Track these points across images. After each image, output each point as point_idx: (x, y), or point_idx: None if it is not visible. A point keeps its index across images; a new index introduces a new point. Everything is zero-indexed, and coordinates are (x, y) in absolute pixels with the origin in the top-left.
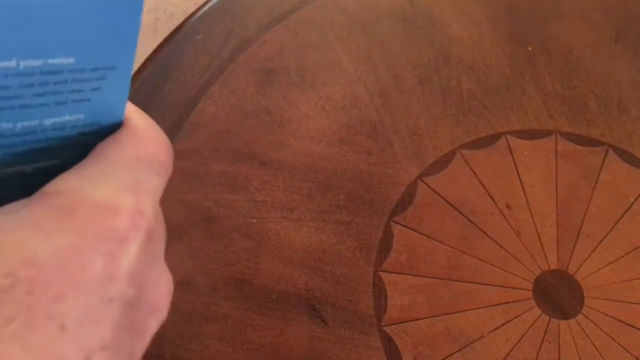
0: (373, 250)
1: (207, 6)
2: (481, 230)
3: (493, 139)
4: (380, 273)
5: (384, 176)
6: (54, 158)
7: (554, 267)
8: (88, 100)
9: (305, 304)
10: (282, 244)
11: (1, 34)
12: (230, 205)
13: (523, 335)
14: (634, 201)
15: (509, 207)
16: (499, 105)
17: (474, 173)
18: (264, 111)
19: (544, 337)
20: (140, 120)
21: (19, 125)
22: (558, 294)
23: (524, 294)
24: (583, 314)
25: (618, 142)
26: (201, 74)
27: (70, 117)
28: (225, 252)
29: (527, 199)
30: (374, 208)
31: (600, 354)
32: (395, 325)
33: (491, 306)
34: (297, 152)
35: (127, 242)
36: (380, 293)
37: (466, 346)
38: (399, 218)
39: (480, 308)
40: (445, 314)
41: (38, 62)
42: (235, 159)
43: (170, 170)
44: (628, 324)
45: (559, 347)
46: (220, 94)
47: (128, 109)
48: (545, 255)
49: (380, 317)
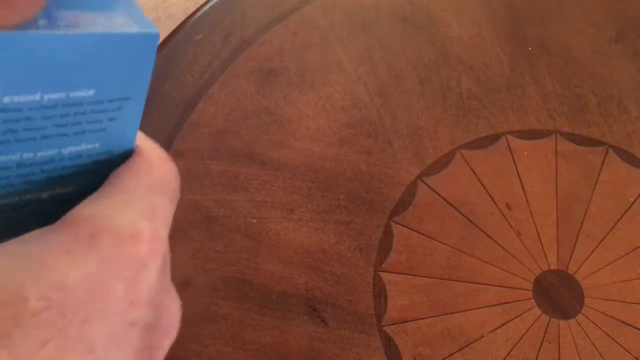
0: (373, 250)
1: (207, 6)
2: (481, 230)
3: (493, 139)
4: (380, 273)
5: (384, 176)
6: (69, 185)
7: (554, 267)
8: (104, 130)
9: (305, 304)
10: (282, 244)
11: (27, 69)
12: (230, 205)
13: (523, 335)
14: (634, 201)
15: (509, 207)
16: (499, 105)
17: (474, 173)
18: (264, 111)
19: (544, 337)
20: (149, 147)
21: (39, 155)
22: (558, 294)
23: (524, 294)
24: (583, 314)
25: (618, 142)
26: (201, 74)
27: (86, 146)
28: (225, 252)
29: (527, 199)
30: (374, 208)
31: (600, 354)
32: (395, 325)
33: (491, 306)
34: (297, 152)
35: (147, 268)
36: (380, 293)
37: (466, 346)
38: (399, 218)
39: (480, 308)
40: (445, 314)
41: (61, 95)
42: (235, 159)
43: (178, 195)
44: (628, 324)
45: (559, 347)
46: (220, 94)
47: (138, 136)
48: (545, 255)
49: (380, 317)
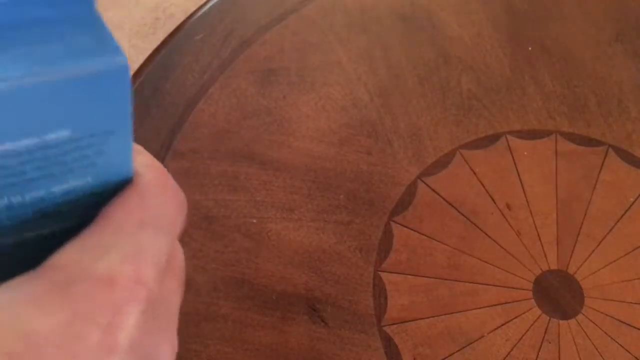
0: (373, 250)
1: (207, 6)
2: (481, 230)
3: (493, 139)
4: (380, 273)
5: (384, 176)
6: (69, 220)
7: (554, 267)
8: (94, 164)
9: (305, 304)
10: (282, 244)
11: None
12: (230, 205)
13: (523, 335)
14: (634, 201)
15: (509, 207)
16: (499, 105)
17: (474, 173)
18: (264, 111)
19: (544, 337)
20: (149, 175)
21: (27, 197)
22: (558, 294)
23: (524, 294)
24: (583, 314)
25: (618, 142)
26: (201, 74)
27: (77, 182)
28: (225, 252)
29: (527, 199)
30: (374, 208)
31: (600, 354)
32: (395, 325)
33: (491, 306)
34: (297, 152)
35: (125, 313)
36: (380, 293)
37: (466, 346)
38: (399, 218)
39: (480, 308)
40: (445, 314)
41: (34, 140)
42: (235, 159)
43: (181, 224)
44: (628, 324)
45: (559, 347)
46: (220, 94)
47: (141, 161)
48: (545, 255)
49: (380, 317)
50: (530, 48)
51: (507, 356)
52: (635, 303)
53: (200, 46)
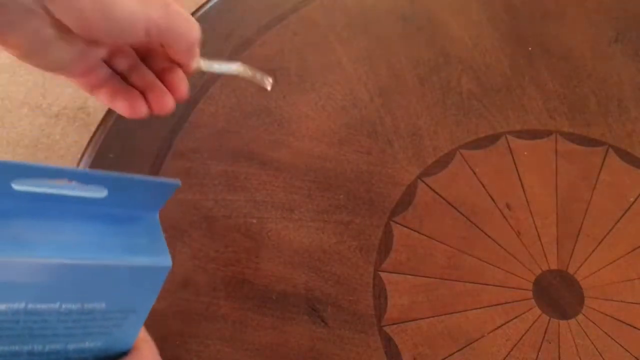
0: (373, 250)
1: (207, 6)
2: (481, 230)
3: (493, 139)
4: (380, 273)
5: (384, 176)
6: None
7: (554, 267)
8: (109, 333)
9: (305, 304)
10: (282, 244)
11: (51, 285)
12: (230, 205)
13: (523, 335)
14: (634, 201)
15: (509, 207)
16: (499, 105)
17: (474, 173)
18: (264, 111)
19: (544, 337)
20: (146, 350)
21: (47, 347)
22: (558, 294)
23: (524, 294)
24: (583, 314)
25: (618, 142)
26: (201, 74)
27: (90, 345)
28: (225, 252)
29: (527, 199)
30: (374, 208)
31: (600, 354)
32: (395, 325)
33: (491, 306)
34: (297, 152)
35: None
36: (380, 293)
37: (466, 346)
38: (399, 218)
39: (480, 308)
40: (445, 314)
41: (77, 306)
42: (235, 159)
43: None
44: (628, 324)
45: (559, 347)
46: (220, 94)
47: (139, 335)
48: (545, 255)
49: (380, 317)
50: (530, 48)
51: (507, 356)
52: (635, 303)
53: (200, 46)
